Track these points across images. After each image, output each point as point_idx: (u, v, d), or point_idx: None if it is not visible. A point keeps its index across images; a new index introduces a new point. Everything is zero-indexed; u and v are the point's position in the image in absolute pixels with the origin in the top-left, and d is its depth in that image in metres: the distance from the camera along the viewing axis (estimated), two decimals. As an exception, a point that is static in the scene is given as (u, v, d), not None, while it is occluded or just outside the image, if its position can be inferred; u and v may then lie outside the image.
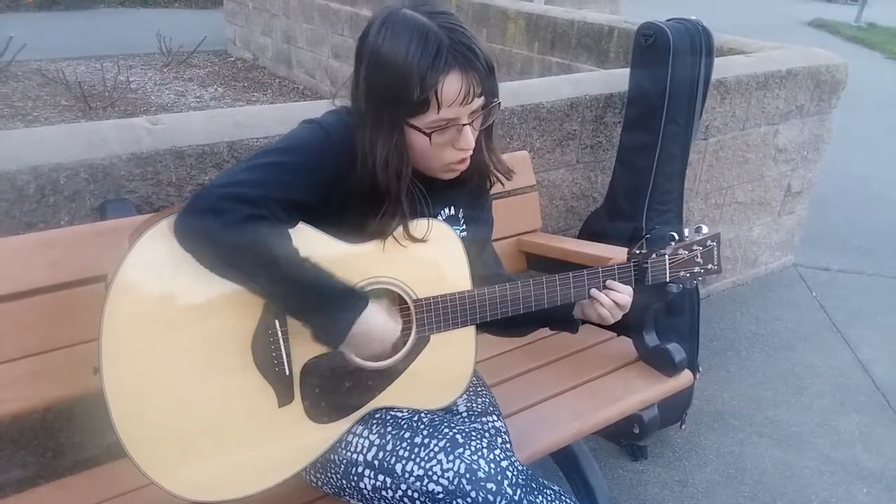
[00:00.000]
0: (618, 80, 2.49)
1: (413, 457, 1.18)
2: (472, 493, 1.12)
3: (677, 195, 2.39)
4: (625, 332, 1.91)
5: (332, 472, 1.26)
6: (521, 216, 2.07)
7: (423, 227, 1.26)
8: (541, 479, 1.23)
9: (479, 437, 1.20)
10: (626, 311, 1.40)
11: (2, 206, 1.44)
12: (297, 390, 1.21)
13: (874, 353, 2.89)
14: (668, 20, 2.28)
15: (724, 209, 3.12)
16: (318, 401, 1.23)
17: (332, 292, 1.16)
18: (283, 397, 1.20)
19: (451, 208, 1.39)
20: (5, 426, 1.54)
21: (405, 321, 1.27)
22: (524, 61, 4.60)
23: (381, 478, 1.19)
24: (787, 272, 3.55)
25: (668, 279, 1.47)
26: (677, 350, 1.77)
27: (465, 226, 1.41)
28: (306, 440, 1.23)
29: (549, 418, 1.61)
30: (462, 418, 1.38)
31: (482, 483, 1.13)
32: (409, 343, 1.28)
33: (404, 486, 1.16)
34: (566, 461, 1.89)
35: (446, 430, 1.21)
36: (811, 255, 3.69)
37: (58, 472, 1.58)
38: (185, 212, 1.09)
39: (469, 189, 1.40)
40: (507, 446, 1.34)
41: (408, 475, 1.16)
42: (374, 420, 1.27)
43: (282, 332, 1.18)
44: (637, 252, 1.45)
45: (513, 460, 1.19)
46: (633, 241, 2.15)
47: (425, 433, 1.21)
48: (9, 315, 1.30)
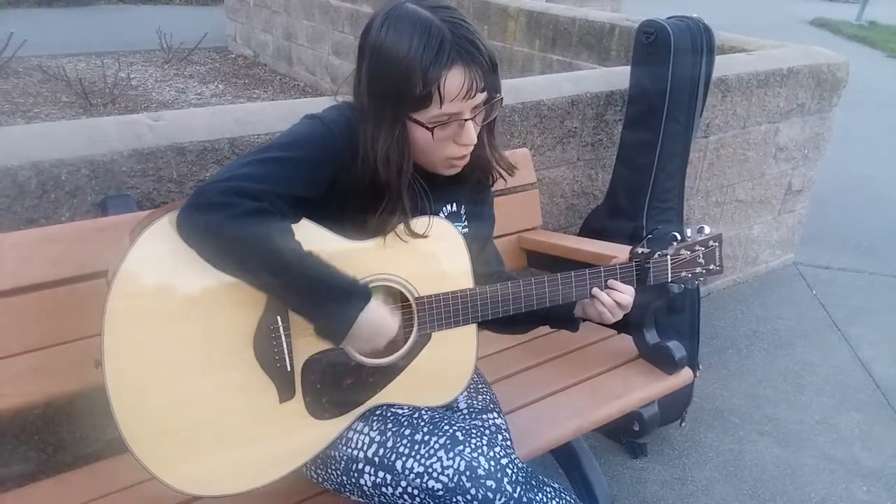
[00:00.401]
0: (619, 77, 2.48)
1: (413, 454, 1.18)
2: (472, 491, 1.12)
3: (678, 193, 2.39)
4: (625, 329, 1.91)
5: (332, 468, 1.26)
6: (521, 213, 2.07)
7: (425, 224, 1.26)
8: (541, 476, 1.23)
9: (479, 434, 1.20)
10: (628, 311, 1.40)
11: (3, 202, 1.44)
12: (299, 386, 1.21)
13: (874, 351, 2.89)
14: (669, 18, 2.28)
15: (724, 207, 3.12)
16: (319, 397, 1.23)
17: (337, 287, 1.16)
18: (285, 393, 1.20)
19: (454, 205, 1.39)
20: (6, 421, 1.55)
21: (407, 318, 1.27)
22: (525, 59, 4.59)
23: (381, 474, 1.19)
24: (787, 270, 3.55)
25: (669, 279, 1.46)
26: (677, 348, 1.77)
27: (467, 222, 1.41)
28: (307, 436, 1.23)
29: (549, 415, 1.61)
30: (462, 415, 1.38)
31: (482, 480, 1.13)
32: (410, 340, 1.28)
33: (404, 483, 1.16)
34: (566, 458, 1.89)
35: (447, 427, 1.21)
36: (811, 253, 3.69)
37: (58, 468, 1.59)
38: (188, 206, 1.09)
39: (471, 185, 1.40)
40: (508, 443, 1.34)
41: (408, 472, 1.16)
42: (374, 417, 1.27)
43: (283, 327, 1.18)
44: (639, 252, 1.45)
45: (513, 457, 1.19)
46: (633, 240, 2.16)
47: (426, 430, 1.21)
48: (10, 310, 1.31)
